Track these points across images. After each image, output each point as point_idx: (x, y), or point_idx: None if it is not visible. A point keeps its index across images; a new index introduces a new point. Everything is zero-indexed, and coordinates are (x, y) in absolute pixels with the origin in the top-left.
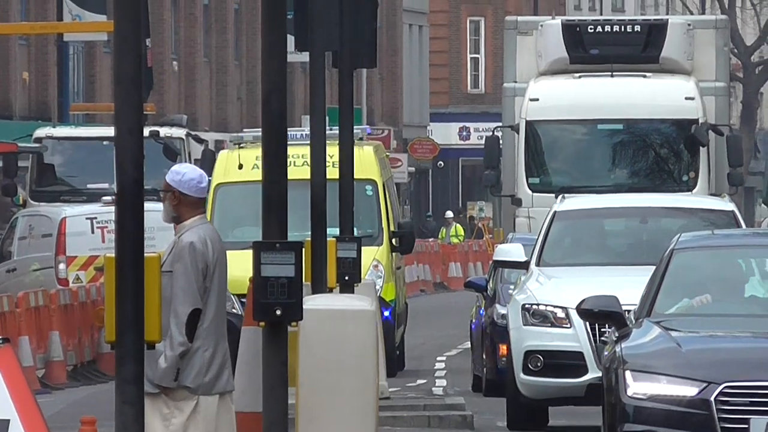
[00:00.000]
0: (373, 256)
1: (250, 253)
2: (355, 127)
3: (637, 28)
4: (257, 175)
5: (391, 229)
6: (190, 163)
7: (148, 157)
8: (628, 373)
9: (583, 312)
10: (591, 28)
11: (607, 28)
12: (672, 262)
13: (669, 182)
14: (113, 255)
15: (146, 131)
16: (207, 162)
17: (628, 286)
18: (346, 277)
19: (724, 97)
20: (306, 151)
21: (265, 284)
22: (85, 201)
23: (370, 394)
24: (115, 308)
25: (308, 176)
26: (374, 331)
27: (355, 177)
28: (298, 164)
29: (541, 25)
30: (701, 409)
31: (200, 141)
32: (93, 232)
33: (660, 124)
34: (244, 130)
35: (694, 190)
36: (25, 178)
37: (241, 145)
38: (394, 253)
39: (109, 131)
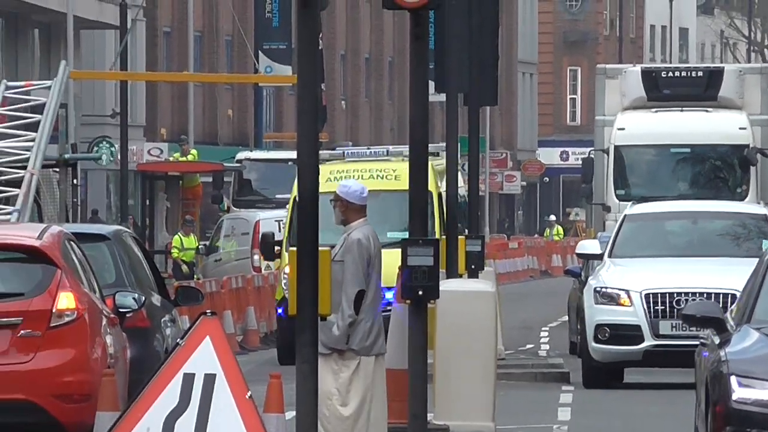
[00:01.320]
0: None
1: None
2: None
3: (700, 73)
4: (328, 187)
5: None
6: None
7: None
8: (732, 378)
9: (686, 317)
10: (664, 74)
11: (677, 73)
12: None
13: (726, 193)
14: (296, 249)
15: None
16: None
17: (680, 273)
18: (473, 266)
19: None
20: (386, 165)
21: (410, 271)
22: (274, 207)
23: (490, 356)
24: (297, 289)
25: (394, 187)
26: (494, 307)
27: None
28: (365, 177)
29: (625, 72)
30: None
31: None
32: (280, 231)
33: (719, 148)
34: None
35: (746, 200)
36: (228, 190)
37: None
38: None
39: (293, 154)
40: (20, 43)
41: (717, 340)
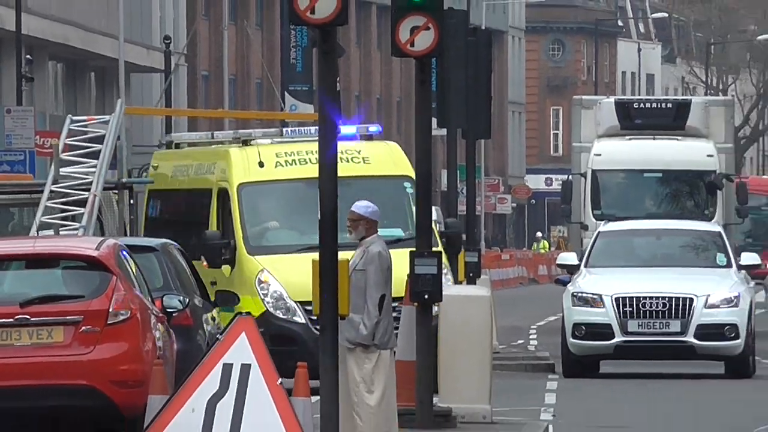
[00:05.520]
0: None
1: (298, 257)
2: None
3: (669, 105)
4: (282, 173)
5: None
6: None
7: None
8: None
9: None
10: (636, 105)
11: (648, 104)
12: None
13: (694, 215)
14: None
15: None
16: None
17: (645, 280)
18: (471, 274)
19: (732, 154)
20: (347, 146)
21: (417, 278)
22: None
23: (486, 350)
24: (320, 293)
25: (364, 172)
26: (489, 309)
27: (389, 173)
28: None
29: (600, 102)
30: None
31: None
32: None
33: (688, 174)
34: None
35: (713, 220)
36: None
37: (251, 143)
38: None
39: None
40: (78, 84)
41: None
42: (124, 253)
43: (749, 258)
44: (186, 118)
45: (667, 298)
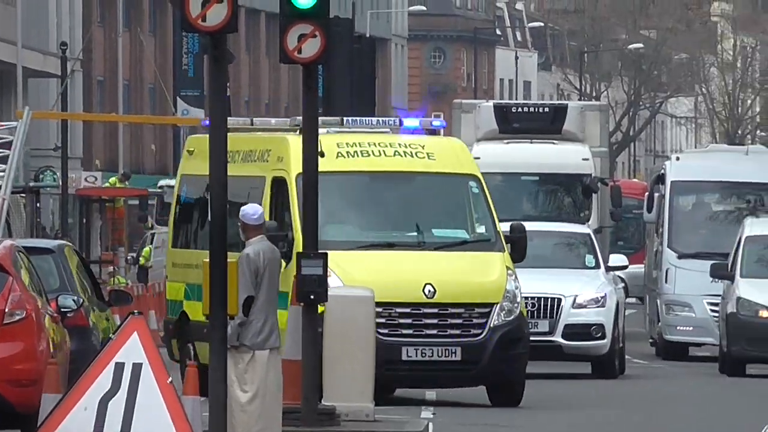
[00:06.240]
0: (504, 264)
1: (359, 254)
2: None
3: (546, 109)
4: (344, 165)
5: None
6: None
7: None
8: None
9: None
10: (514, 109)
11: (525, 109)
12: None
13: (572, 217)
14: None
15: None
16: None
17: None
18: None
19: (607, 158)
20: (411, 140)
21: (303, 279)
22: None
23: (369, 350)
24: (210, 293)
25: (428, 169)
26: (372, 309)
27: (455, 171)
28: (388, 154)
29: (479, 106)
30: None
31: None
32: None
33: (564, 177)
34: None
35: (588, 223)
36: (152, 211)
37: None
38: None
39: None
40: None
41: None
42: (20, 254)
43: (617, 260)
44: (81, 122)
45: (536, 299)
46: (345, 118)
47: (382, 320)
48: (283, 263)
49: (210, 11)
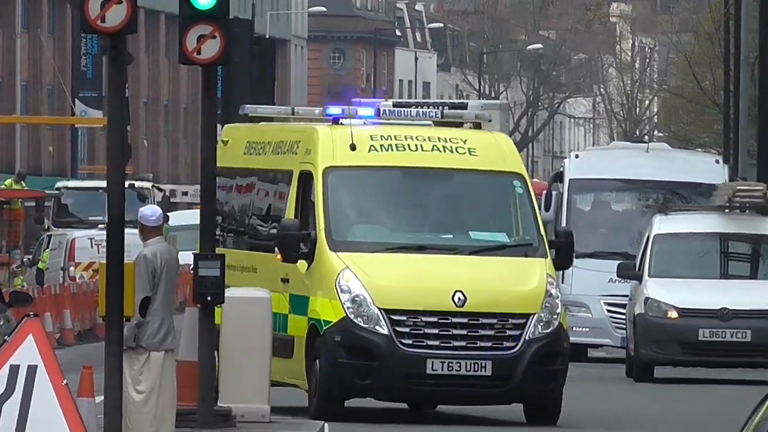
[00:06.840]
0: (545, 271)
1: (388, 257)
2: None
3: (446, 107)
4: (376, 159)
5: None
6: (153, 204)
7: (127, 201)
8: None
9: None
10: (414, 108)
11: (425, 107)
12: None
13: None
14: (105, 262)
15: (126, 184)
16: (164, 204)
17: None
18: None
19: None
20: (451, 134)
21: (201, 280)
22: (87, 227)
23: (266, 351)
24: (106, 294)
25: (470, 165)
26: (269, 310)
27: (498, 169)
28: (425, 148)
29: (379, 105)
30: None
31: (160, 190)
32: (92, 247)
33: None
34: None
35: None
36: (49, 213)
37: (341, 122)
38: None
39: (103, 183)
40: None
41: None
42: None
43: None
44: None
45: None
46: (382, 109)
47: (406, 329)
48: (305, 264)
49: (109, 12)
